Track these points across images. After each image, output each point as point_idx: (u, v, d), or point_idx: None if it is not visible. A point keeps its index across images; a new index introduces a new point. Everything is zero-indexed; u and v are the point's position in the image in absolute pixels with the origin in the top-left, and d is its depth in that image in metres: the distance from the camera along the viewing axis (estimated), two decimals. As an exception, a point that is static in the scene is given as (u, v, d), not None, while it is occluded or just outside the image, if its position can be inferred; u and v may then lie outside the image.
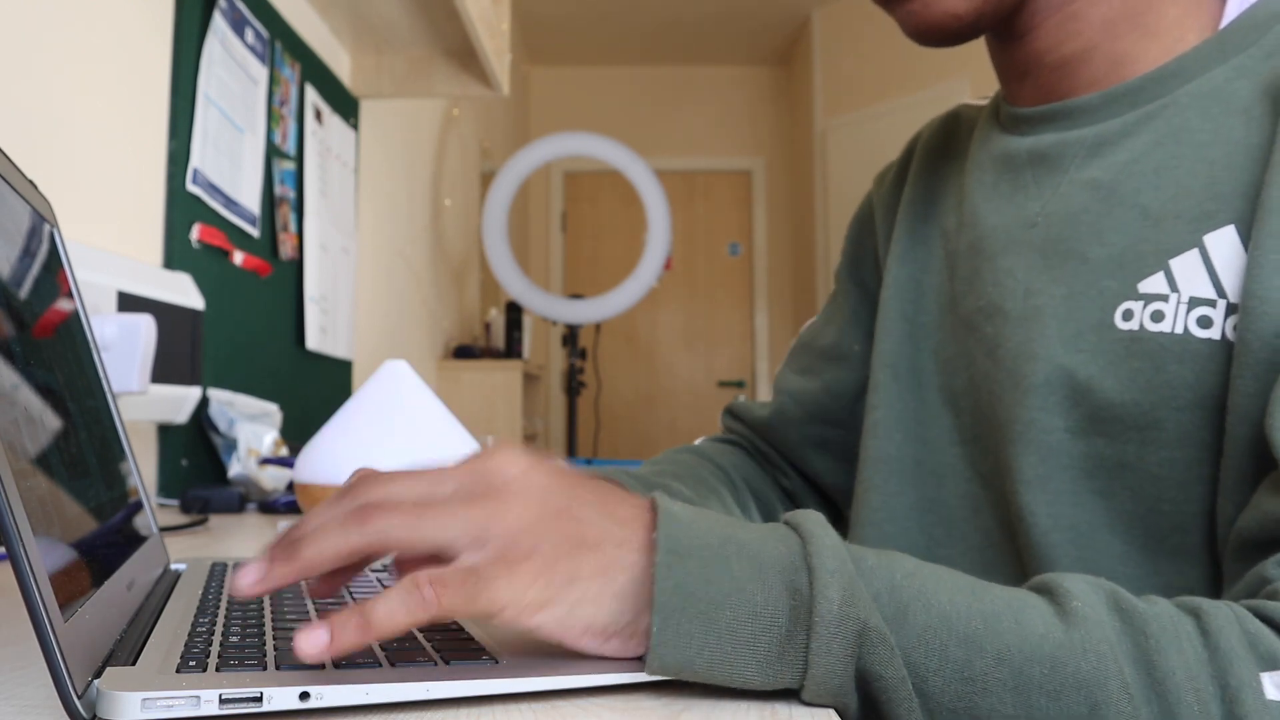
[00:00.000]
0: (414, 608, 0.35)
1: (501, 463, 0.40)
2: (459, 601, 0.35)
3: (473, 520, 0.37)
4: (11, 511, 0.29)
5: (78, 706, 0.30)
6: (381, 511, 0.37)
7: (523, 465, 0.40)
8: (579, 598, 0.37)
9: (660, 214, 3.44)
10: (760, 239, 5.26)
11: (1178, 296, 0.50)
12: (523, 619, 0.36)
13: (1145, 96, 0.55)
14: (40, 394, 0.39)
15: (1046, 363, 0.54)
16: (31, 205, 0.48)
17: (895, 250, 0.70)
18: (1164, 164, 0.53)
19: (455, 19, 1.88)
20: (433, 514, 0.37)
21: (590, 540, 0.38)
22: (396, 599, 0.35)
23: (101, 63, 1.17)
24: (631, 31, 4.87)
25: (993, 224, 0.61)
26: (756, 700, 0.37)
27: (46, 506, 0.34)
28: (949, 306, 0.65)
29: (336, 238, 2.04)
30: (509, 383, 3.16)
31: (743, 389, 5.23)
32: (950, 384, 0.64)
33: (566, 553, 0.37)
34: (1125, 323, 0.51)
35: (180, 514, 1.11)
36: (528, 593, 0.36)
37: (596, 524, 0.39)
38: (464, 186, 3.56)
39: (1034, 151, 0.60)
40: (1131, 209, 0.53)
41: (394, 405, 0.96)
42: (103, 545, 0.42)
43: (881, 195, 0.77)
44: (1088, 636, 0.36)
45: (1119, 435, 0.51)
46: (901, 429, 0.66)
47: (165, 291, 1.21)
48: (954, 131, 0.72)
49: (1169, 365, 0.49)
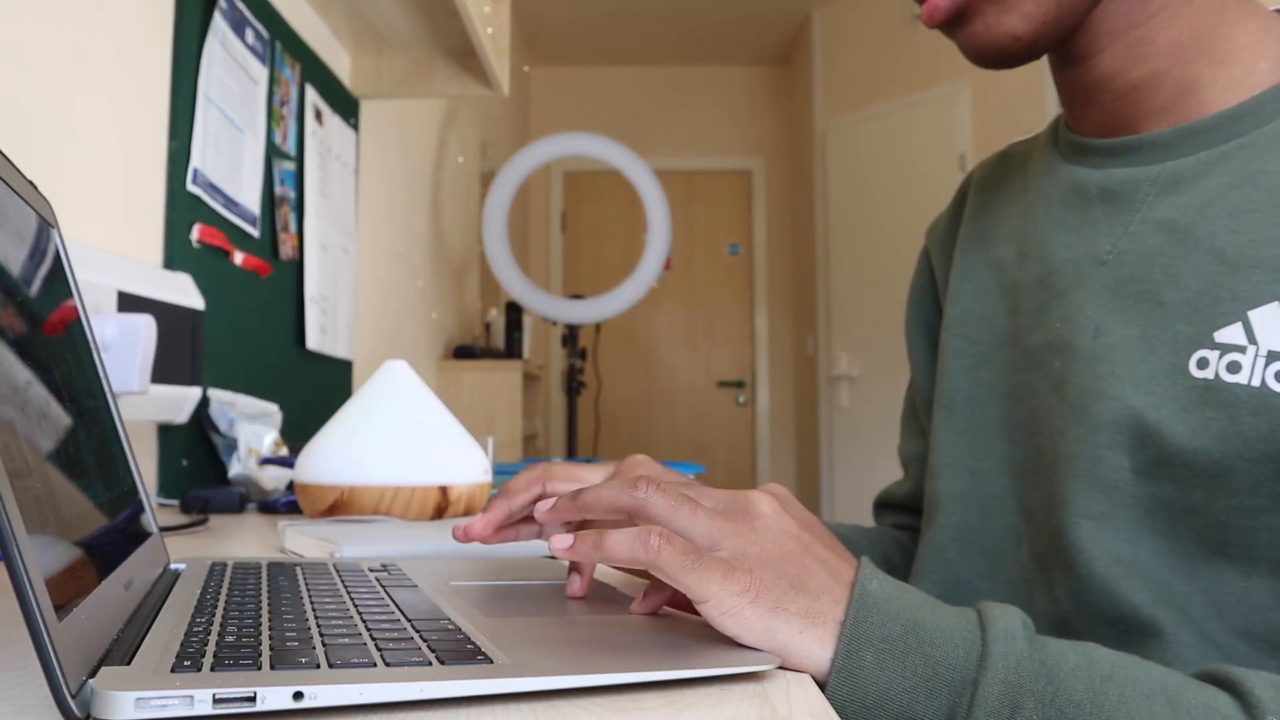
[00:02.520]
0: (637, 548, 0.40)
1: (759, 499, 0.45)
2: (674, 564, 0.40)
3: (716, 528, 0.43)
4: (5, 511, 0.29)
5: (71, 706, 0.30)
6: (653, 486, 0.44)
7: (775, 506, 0.45)
8: (781, 626, 0.41)
9: (660, 214, 3.44)
10: (760, 239, 5.26)
11: (1256, 349, 0.49)
12: (724, 621, 0.41)
13: (1220, 135, 0.54)
14: (39, 394, 0.39)
15: (1116, 402, 0.54)
16: (32, 206, 0.48)
17: (951, 288, 0.70)
18: (1240, 207, 0.52)
19: (455, 19, 1.88)
20: (689, 508, 0.43)
21: (810, 588, 0.42)
22: (629, 535, 0.41)
23: (101, 63, 1.17)
24: (631, 31, 4.87)
25: (1061, 258, 0.60)
26: (757, 700, 0.37)
27: (43, 506, 0.34)
28: (1009, 339, 0.64)
29: (336, 238, 2.04)
30: (509, 383, 3.16)
31: (743, 389, 5.23)
32: (1009, 416, 0.63)
33: (782, 587, 0.42)
34: (1200, 371, 0.51)
35: (180, 514, 1.11)
36: (733, 599, 0.40)
37: (821, 578, 0.43)
38: (464, 186, 3.56)
39: (1104, 187, 0.59)
40: (1207, 253, 0.52)
41: (394, 405, 0.96)
42: (101, 545, 0.42)
43: (935, 240, 0.77)
44: None
45: (1186, 480, 0.51)
46: (951, 463, 0.66)
47: (165, 291, 1.21)
48: (1005, 167, 0.71)
49: (1244, 417, 0.49)
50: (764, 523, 0.44)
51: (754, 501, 0.45)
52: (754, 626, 0.41)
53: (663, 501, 0.43)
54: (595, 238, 5.33)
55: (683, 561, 0.40)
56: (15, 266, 0.42)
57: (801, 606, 0.41)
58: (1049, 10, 0.54)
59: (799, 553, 0.43)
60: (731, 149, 5.33)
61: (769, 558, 0.42)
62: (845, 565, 0.45)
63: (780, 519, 0.44)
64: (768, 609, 0.41)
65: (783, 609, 0.41)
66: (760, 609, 0.41)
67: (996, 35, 0.56)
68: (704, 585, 0.40)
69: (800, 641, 0.41)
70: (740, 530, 0.43)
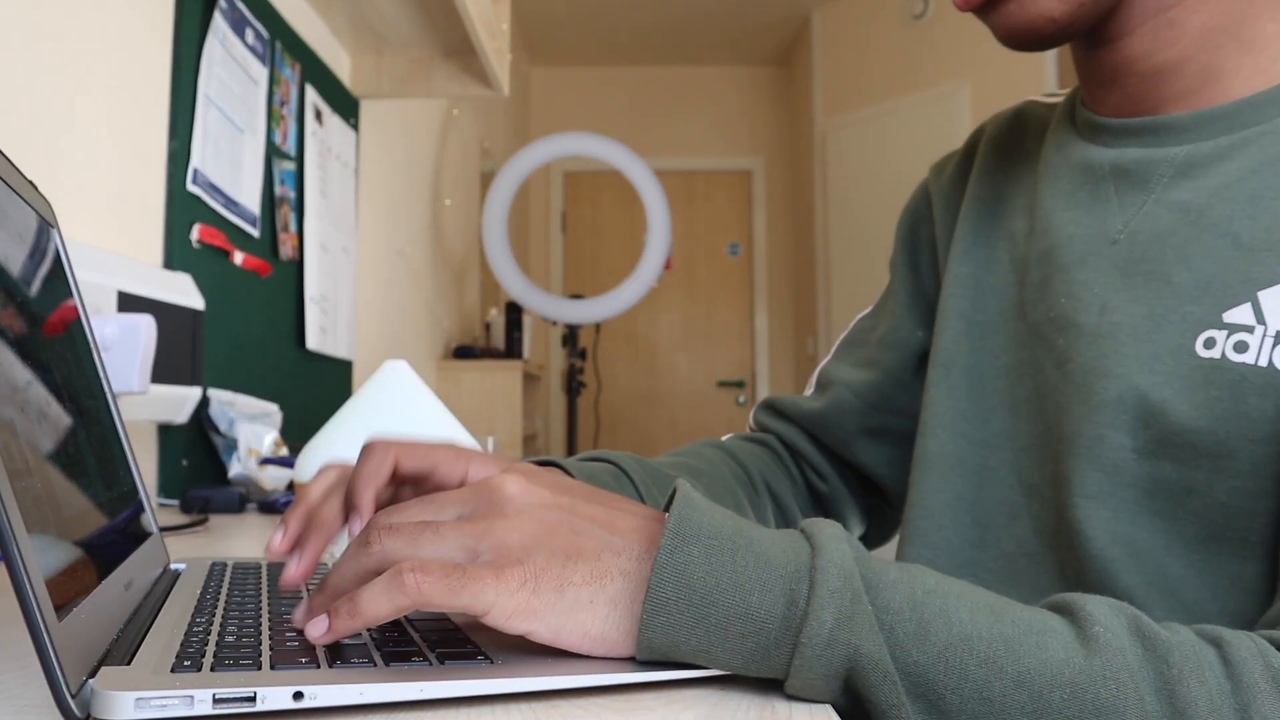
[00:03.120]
0: (395, 594, 0.36)
1: (501, 481, 0.41)
2: (440, 591, 0.36)
3: (467, 536, 0.39)
4: (5, 511, 0.29)
5: (71, 706, 0.30)
6: (386, 532, 0.39)
7: (523, 483, 0.41)
8: (571, 604, 0.38)
9: (660, 214, 3.44)
10: (760, 239, 5.26)
11: (1264, 329, 0.49)
12: (511, 623, 0.37)
13: (1241, 121, 0.54)
14: (39, 394, 0.39)
15: (1120, 380, 0.54)
16: (32, 206, 0.48)
17: (957, 247, 0.69)
18: (1259, 193, 0.52)
19: (455, 19, 1.88)
20: (430, 532, 0.39)
21: (587, 551, 0.39)
22: (380, 586, 0.37)
23: (101, 63, 1.17)
24: (631, 31, 4.87)
25: (1069, 233, 0.60)
26: (757, 700, 0.37)
27: (43, 506, 0.34)
28: (1016, 313, 0.64)
29: (336, 238, 2.04)
30: (509, 383, 3.16)
31: (743, 389, 5.23)
32: (1012, 390, 0.63)
33: (558, 562, 0.38)
34: (1207, 350, 0.51)
35: (180, 514, 1.11)
36: (514, 597, 0.37)
37: (595, 536, 0.40)
38: (464, 186, 3.56)
39: (1117, 165, 0.59)
40: (1222, 236, 0.52)
41: (394, 405, 0.96)
42: (101, 545, 0.42)
43: (941, 186, 0.75)
44: (1109, 664, 0.35)
45: (1188, 460, 0.51)
46: (948, 427, 0.65)
47: (165, 291, 1.21)
48: (1022, 129, 0.70)
49: (1249, 397, 0.49)
50: (515, 505, 0.40)
51: (498, 487, 0.41)
52: (546, 616, 0.37)
53: (401, 540, 0.39)
54: (595, 238, 5.33)
55: (448, 584, 0.36)
56: (15, 266, 0.42)
57: (584, 574, 0.38)
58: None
59: (563, 522, 0.40)
60: (731, 149, 5.33)
61: (534, 539, 0.39)
62: (621, 513, 0.41)
63: (531, 493, 0.41)
64: (553, 592, 0.38)
65: (568, 584, 0.38)
66: (545, 595, 0.37)
67: (1032, 16, 0.55)
68: (479, 597, 0.36)
69: (594, 611, 0.38)
70: (493, 526, 0.39)
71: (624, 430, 5.21)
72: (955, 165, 0.75)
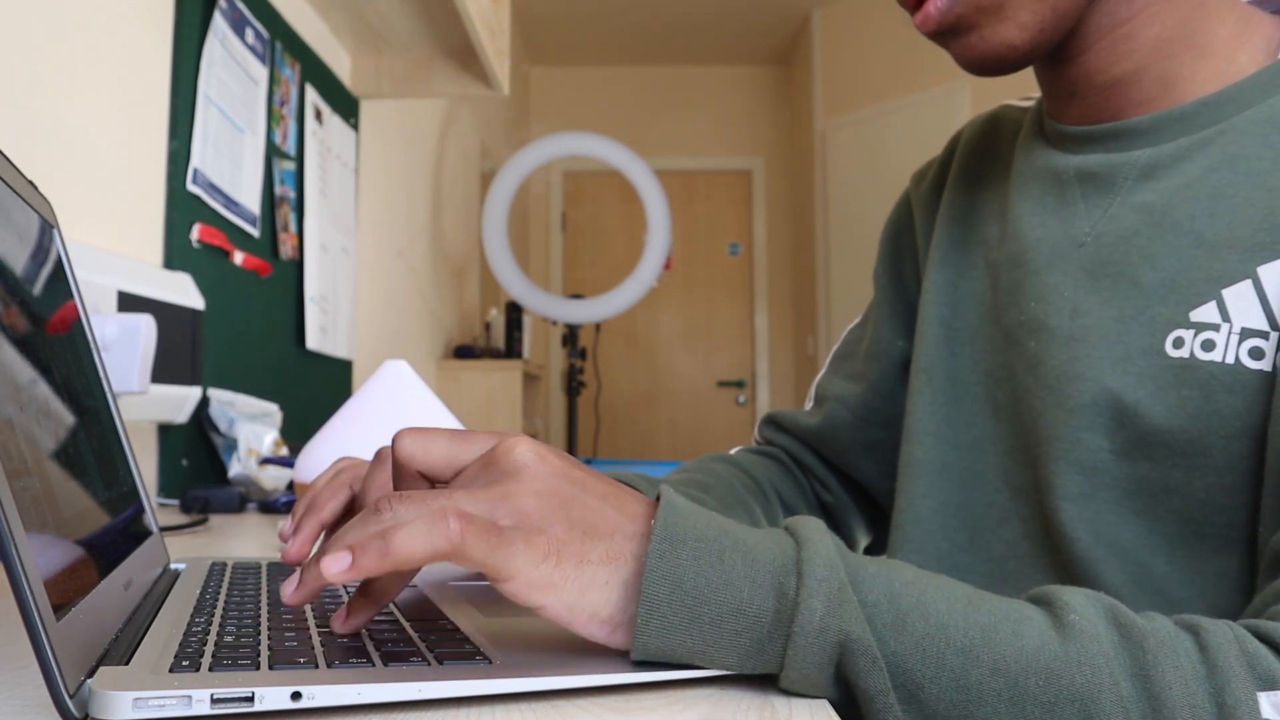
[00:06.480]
0: (436, 536, 0.34)
1: (513, 446, 0.40)
2: (479, 545, 0.35)
3: (482, 500, 0.37)
4: (4, 511, 0.29)
5: (69, 706, 0.30)
6: (397, 500, 0.37)
7: (535, 448, 0.40)
8: (587, 583, 0.37)
9: (660, 214, 3.44)
10: (760, 239, 5.26)
11: (1230, 327, 0.50)
12: (531, 595, 0.36)
13: (1200, 121, 0.54)
14: (39, 393, 0.39)
15: (1093, 384, 0.54)
16: (32, 206, 0.48)
17: (935, 255, 0.70)
18: (1219, 190, 0.52)
19: (455, 19, 1.88)
20: (444, 498, 0.37)
21: (602, 529, 0.38)
22: (421, 526, 0.35)
23: (101, 63, 1.17)
24: (631, 31, 4.87)
25: (1037, 237, 0.61)
26: (757, 700, 0.37)
27: (42, 506, 0.34)
28: (991, 317, 0.64)
29: (336, 238, 2.04)
30: (509, 383, 3.16)
31: (743, 389, 5.23)
32: (992, 394, 0.63)
33: (578, 536, 0.38)
34: (1176, 350, 0.51)
35: (180, 514, 1.11)
36: (539, 569, 0.36)
37: (608, 515, 0.39)
38: (464, 186, 3.56)
39: (1082, 170, 0.59)
40: (1185, 235, 0.53)
41: (394, 405, 0.96)
42: (100, 545, 0.42)
43: (921, 195, 0.76)
44: (1084, 650, 0.36)
45: (1165, 460, 0.52)
46: (932, 433, 0.66)
47: (165, 291, 1.21)
48: (997, 134, 0.71)
49: (1218, 395, 0.49)
50: (530, 472, 0.39)
51: (511, 453, 0.39)
52: (563, 592, 0.36)
53: (414, 507, 0.36)
54: (595, 238, 5.33)
55: (488, 541, 0.35)
56: (16, 267, 0.42)
57: (600, 552, 0.37)
58: (1045, 19, 0.54)
59: (578, 495, 0.39)
60: (731, 149, 5.33)
61: (551, 508, 0.38)
62: (627, 496, 0.41)
63: (545, 462, 0.39)
64: (573, 567, 0.37)
65: (586, 561, 0.37)
66: (566, 569, 0.37)
67: (993, 46, 0.55)
68: (511, 561, 0.35)
69: (609, 593, 0.37)
70: (509, 491, 0.38)
71: (624, 430, 5.21)
72: (934, 173, 0.75)
